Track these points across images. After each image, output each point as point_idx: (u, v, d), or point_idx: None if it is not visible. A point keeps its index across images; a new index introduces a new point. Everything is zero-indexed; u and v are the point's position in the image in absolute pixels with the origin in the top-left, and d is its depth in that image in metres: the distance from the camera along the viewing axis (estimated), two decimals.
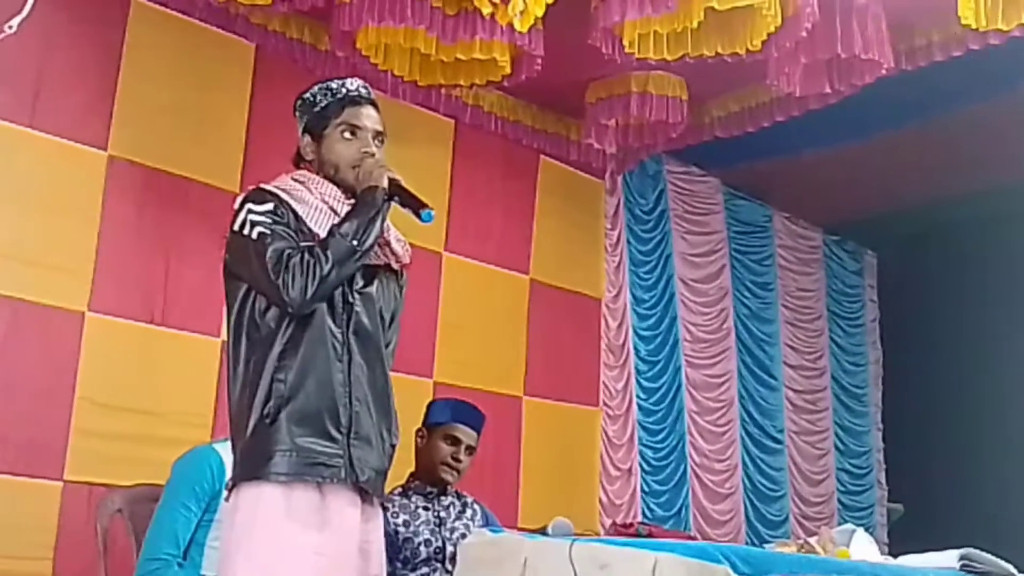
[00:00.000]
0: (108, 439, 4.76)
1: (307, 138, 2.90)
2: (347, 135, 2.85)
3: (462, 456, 4.08)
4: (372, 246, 2.73)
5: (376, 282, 2.86)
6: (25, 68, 4.71)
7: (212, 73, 5.41)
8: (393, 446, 2.83)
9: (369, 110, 2.90)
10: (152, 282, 5.08)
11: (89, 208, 4.90)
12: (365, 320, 2.78)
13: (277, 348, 2.64)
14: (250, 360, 2.67)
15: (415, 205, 2.77)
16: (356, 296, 2.78)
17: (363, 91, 2.93)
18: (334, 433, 2.64)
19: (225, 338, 2.90)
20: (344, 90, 2.90)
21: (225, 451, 3.27)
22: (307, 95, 2.94)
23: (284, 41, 5.50)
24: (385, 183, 2.76)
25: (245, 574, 2.56)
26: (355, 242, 2.66)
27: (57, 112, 4.82)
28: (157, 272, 5.09)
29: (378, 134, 2.89)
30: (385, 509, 2.89)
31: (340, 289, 2.73)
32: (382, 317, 2.86)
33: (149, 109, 5.12)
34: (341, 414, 2.66)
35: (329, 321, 2.71)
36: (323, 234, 2.70)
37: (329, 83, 2.93)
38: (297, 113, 2.95)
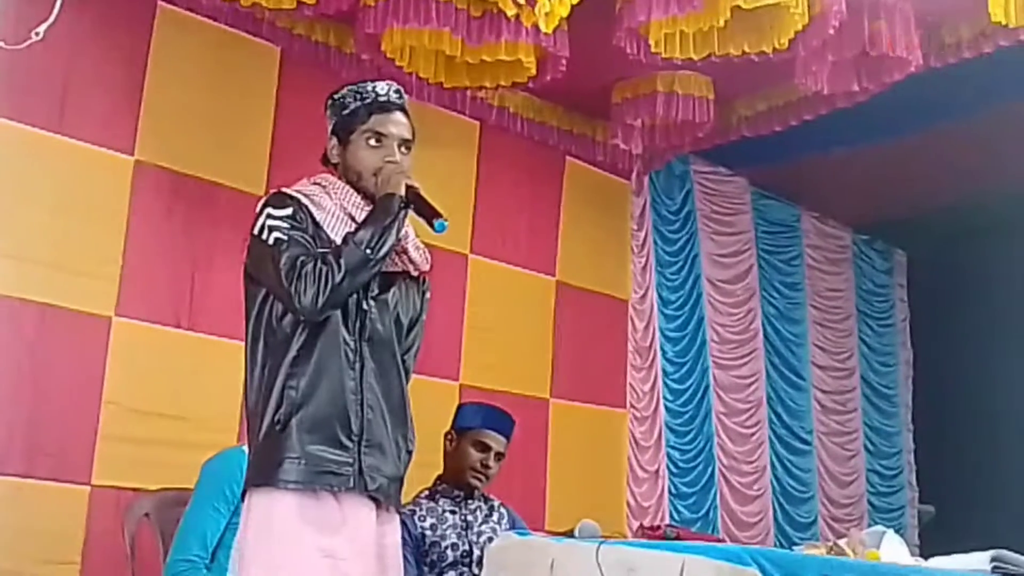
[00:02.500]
0: (135, 444, 4.76)
1: (334, 140, 2.86)
2: (372, 142, 2.80)
3: (491, 462, 4.07)
4: (387, 255, 2.69)
5: (393, 289, 2.82)
6: (52, 74, 4.72)
7: (238, 77, 5.41)
8: (410, 452, 2.80)
9: (398, 116, 2.84)
10: (179, 287, 5.08)
11: (116, 213, 4.91)
12: (379, 327, 2.75)
13: (291, 354, 2.63)
14: (266, 364, 2.66)
15: (429, 214, 2.73)
16: (371, 303, 2.75)
17: (393, 96, 2.86)
18: (345, 441, 2.61)
19: None
20: (373, 95, 2.83)
21: None
22: (337, 96, 2.89)
23: (309, 44, 5.50)
24: (403, 190, 2.72)
25: None
26: (369, 251, 2.62)
27: (84, 117, 4.84)
28: (184, 277, 5.10)
29: (404, 142, 2.83)
30: (401, 515, 2.85)
31: (355, 296, 2.70)
32: (399, 323, 2.83)
33: (175, 114, 5.13)
34: (352, 421, 2.63)
35: (343, 329, 2.68)
36: (340, 241, 2.67)
37: (361, 86, 2.86)
38: (327, 112, 2.90)
